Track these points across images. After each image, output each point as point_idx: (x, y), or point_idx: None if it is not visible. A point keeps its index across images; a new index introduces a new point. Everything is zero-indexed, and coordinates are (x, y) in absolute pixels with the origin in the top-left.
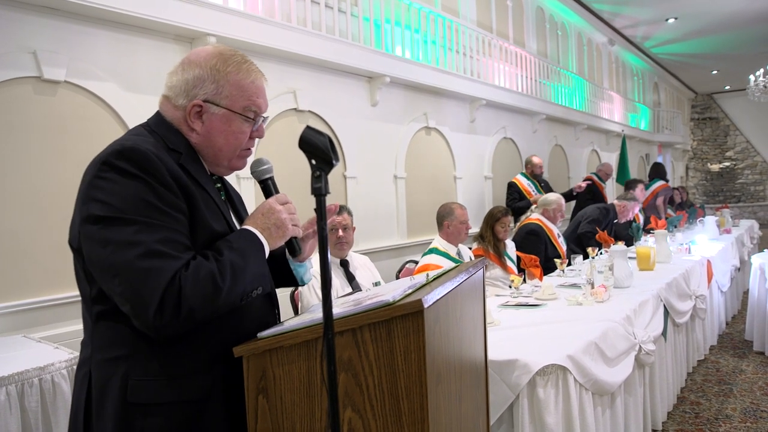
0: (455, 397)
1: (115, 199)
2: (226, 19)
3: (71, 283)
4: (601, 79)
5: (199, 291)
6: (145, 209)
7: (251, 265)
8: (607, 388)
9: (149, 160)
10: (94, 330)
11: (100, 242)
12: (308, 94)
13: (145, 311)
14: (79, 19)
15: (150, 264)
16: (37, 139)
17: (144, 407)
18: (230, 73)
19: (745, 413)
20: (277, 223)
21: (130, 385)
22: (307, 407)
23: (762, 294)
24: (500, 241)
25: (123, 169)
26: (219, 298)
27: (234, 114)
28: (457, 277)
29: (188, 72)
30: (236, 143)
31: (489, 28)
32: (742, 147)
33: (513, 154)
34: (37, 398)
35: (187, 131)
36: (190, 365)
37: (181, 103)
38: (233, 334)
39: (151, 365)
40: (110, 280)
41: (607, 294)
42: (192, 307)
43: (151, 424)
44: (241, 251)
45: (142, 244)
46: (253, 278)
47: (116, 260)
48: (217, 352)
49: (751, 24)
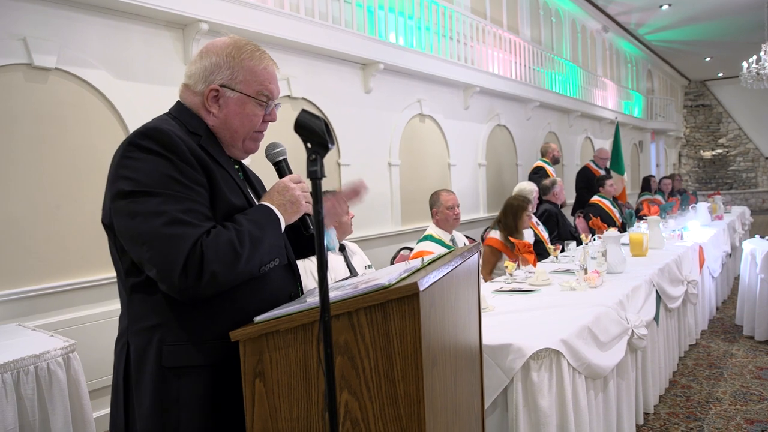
0: (450, 381)
1: (140, 175)
2: (219, 5)
3: (65, 271)
4: (594, 67)
5: (220, 256)
6: (168, 183)
7: (268, 236)
8: (600, 372)
9: (171, 139)
10: (129, 303)
11: (129, 214)
12: (302, 81)
13: (170, 274)
14: (69, 6)
15: (174, 231)
16: (28, 127)
17: (178, 370)
18: (244, 60)
19: (734, 396)
20: (291, 200)
21: (164, 351)
22: (303, 390)
23: (752, 279)
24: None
25: (147, 148)
26: (239, 263)
27: (248, 98)
28: (452, 262)
29: (206, 60)
30: (250, 125)
31: (483, 15)
32: (734, 134)
33: (507, 141)
34: (33, 386)
35: (206, 115)
36: (217, 331)
37: (200, 89)
38: (257, 302)
39: (182, 332)
40: (139, 248)
41: (600, 279)
42: (214, 271)
43: (185, 386)
44: (258, 223)
45: (166, 213)
46: (271, 249)
47: (143, 229)
48: (242, 318)
49: (744, 11)
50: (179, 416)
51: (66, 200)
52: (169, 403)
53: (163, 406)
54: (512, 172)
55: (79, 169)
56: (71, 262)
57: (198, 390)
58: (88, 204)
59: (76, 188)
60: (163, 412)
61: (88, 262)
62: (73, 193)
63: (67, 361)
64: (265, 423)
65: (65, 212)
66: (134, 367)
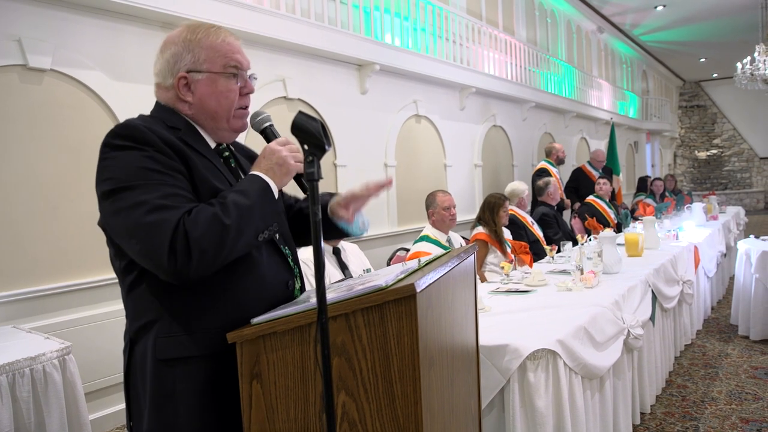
0: (447, 381)
1: (117, 172)
2: (214, 6)
3: (61, 273)
4: (590, 67)
5: (204, 231)
6: (144, 174)
7: (258, 203)
8: (597, 372)
9: (141, 131)
10: (127, 302)
11: (114, 213)
12: (297, 82)
13: (160, 260)
14: (64, 7)
15: (155, 217)
16: (23, 128)
17: (171, 362)
18: (201, 39)
19: (730, 395)
20: (279, 162)
21: (158, 344)
22: (301, 392)
23: (747, 279)
24: (500, 226)
25: (119, 145)
26: (228, 235)
27: (216, 75)
28: (448, 263)
29: (166, 53)
30: (228, 103)
31: (479, 16)
32: (729, 135)
33: (503, 141)
34: (29, 388)
35: (182, 106)
36: (211, 321)
37: (170, 82)
38: (252, 291)
39: (175, 324)
40: (128, 242)
41: (596, 280)
42: (203, 248)
43: (180, 378)
44: (243, 192)
45: (146, 203)
46: (264, 215)
47: (129, 222)
48: (234, 310)
49: (738, 12)
50: (177, 409)
51: (62, 201)
52: (165, 396)
53: (159, 400)
54: (508, 173)
55: (75, 170)
56: (67, 263)
57: (195, 382)
58: (85, 205)
59: (72, 189)
60: (160, 406)
61: (85, 263)
62: (69, 195)
63: (63, 364)
64: (262, 424)
65: (61, 213)
66: (137, 365)
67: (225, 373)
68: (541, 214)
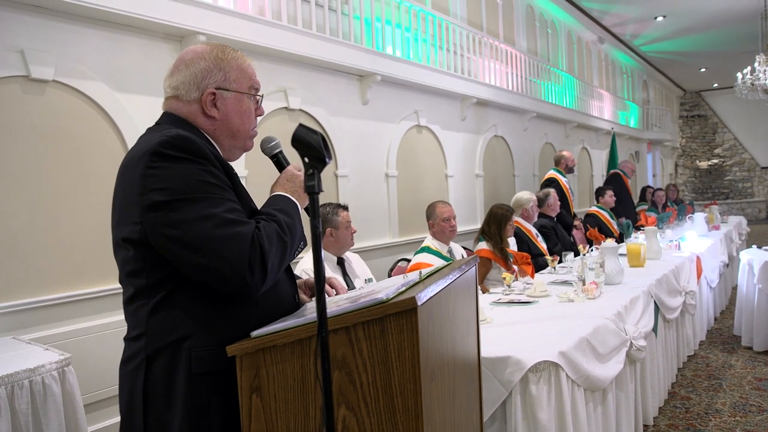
0: (449, 394)
1: (173, 183)
2: (216, 17)
3: (61, 284)
4: (590, 77)
5: (274, 248)
6: (206, 187)
7: (297, 222)
8: (599, 384)
9: (197, 145)
10: (150, 320)
11: (170, 225)
12: (299, 93)
13: (236, 274)
14: (67, 18)
15: (228, 231)
16: (25, 139)
17: (206, 376)
18: (231, 60)
19: (734, 407)
20: (301, 186)
21: (193, 358)
22: (301, 405)
23: (750, 290)
24: (506, 241)
25: (173, 156)
26: (288, 251)
27: (242, 95)
28: (450, 275)
29: (193, 67)
30: (249, 122)
31: (479, 27)
32: (730, 144)
33: (504, 152)
34: (28, 400)
35: (204, 121)
36: (238, 334)
37: (195, 96)
38: (273, 303)
39: (209, 338)
40: (191, 256)
41: (598, 291)
42: (273, 263)
43: (214, 391)
44: (287, 212)
45: (214, 216)
46: (302, 235)
47: (194, 236)
48: (261, 321)
49: (738, 22)
50: (211, 421)
51: (63, 212)
52: (201, 408)
53: (195, 414)
54: (509, 183)
55: (76, 181)
56: (68, 274)
57: (226, 394)
58: (86, 216)
59: (73, 200)
60: (196, 419)
61: (85, 274)
62: (70, 205)
63: (62, 375)
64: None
65: (62, 224)
66: (158, 380)
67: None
68: (539, 226)
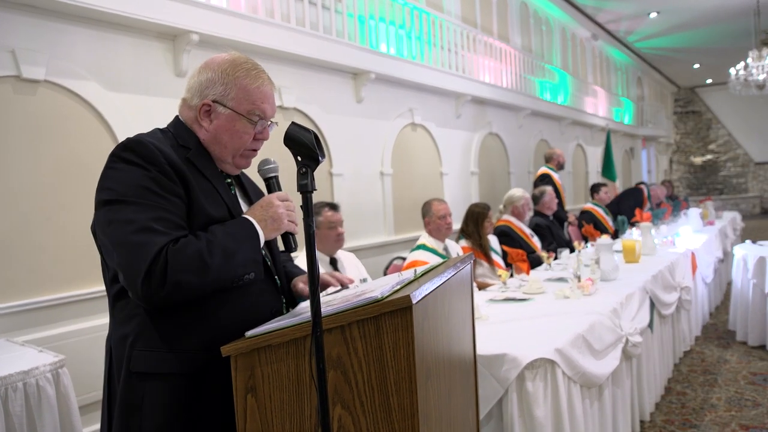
0: (445, 392)
1: (118, 184)
2: (209, 16)
3: (55, 285)
4: (585, 74)
5: (185, 265)
6: (143, 193)
7: (243, 249)
8: (595, 381)
9: (149, 150)
10: (113, 310)
11: (105, 222)
12: (293, 91)
13: (134, 280)
14: (58, 17)
15: (141, 238)
16: (17, 140)
17: (143, 376)
18: (238, 77)
19: (729, 402)
20: (273, 216)
21: (133, 356)
22: (296, 405)
23: (745, 285)
24: (485, 238)
25: (126, 159)
26: (207, 274)
27: (238, 115)
28: (445, 273)
29: (202, 75)
30: (239, 143)
31: (473, 24)
32: (724, 140)
33: (499, 149)
34: (22, 402)
35: (198, 129)
36: (191, 342)
37: (195, 103)
38: (233, 315)
39: (153, 340)
40: (111, 253)
41: (594, 287)
42: (179, 280)
43: (148, 393)
44: (233, 235)
45: (137, 221)
46: (246, 263)
47: (116, 235)
48: (217, 333)
49: (731, 18)
50: (141, 424)
51: (56, 212)
52: (133, 408)
53: (127, 411)
54: (504, 180)
55: (68, 181)
56: (61, 275)
57: (163, 398)
58: (78, 216)
59: (66, 200)
60: (126, 417)
61: (79, 275)
62: (63, 206)
63: (57, 377)
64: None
65: (55, 225)
66: (114, 371)
67: (197, 393)
68: (534, 225)
